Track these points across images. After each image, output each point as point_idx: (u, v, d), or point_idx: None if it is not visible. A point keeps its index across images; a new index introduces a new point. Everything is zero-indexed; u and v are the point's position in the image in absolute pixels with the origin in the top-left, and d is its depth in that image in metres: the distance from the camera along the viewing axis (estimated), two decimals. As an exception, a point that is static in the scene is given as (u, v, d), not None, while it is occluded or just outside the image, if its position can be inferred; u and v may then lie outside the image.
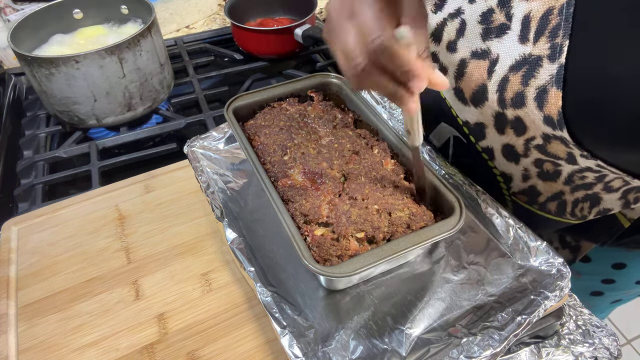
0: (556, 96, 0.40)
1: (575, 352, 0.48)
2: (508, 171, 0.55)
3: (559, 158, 0.47)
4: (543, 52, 0.41)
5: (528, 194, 0.57)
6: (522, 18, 0.42)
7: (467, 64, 0.50)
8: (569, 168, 0.48)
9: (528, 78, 0.42)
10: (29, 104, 0.95)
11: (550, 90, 0.40)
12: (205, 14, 1.22)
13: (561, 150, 0.45)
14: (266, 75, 1.05)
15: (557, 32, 0.39)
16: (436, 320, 0.45)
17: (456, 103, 0.55)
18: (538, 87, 0.42)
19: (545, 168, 0.51)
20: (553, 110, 0.41)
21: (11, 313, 0.54)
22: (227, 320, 0.53)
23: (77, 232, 0.63)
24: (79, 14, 0.90)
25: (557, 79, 0.40)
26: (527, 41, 0.42)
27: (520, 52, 0.43)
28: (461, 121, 0.57)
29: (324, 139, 0.57)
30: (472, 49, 0.49)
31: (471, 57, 0.49)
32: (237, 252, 0.50)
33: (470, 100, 0.52)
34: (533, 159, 0.50)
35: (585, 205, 0.54)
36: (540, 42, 0.41)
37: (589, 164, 0.45)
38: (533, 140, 0.47)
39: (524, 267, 0.50)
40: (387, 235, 0.46)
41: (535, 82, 0.42)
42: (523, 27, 0.42)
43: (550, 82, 0.40)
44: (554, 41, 0.40)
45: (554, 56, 0.40)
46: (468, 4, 0.48)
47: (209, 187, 0.57)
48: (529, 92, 0.43)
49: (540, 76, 0.41)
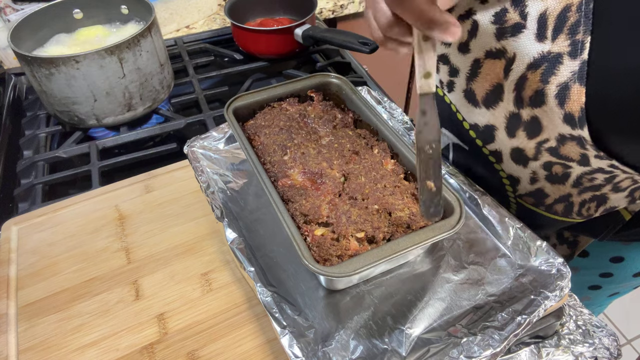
0: (579, 92, 0.40)
1: (575, 352, 0.48)
2: (515, 174, 0.55)
3: (570, 160, 0.47)
4: (563, 49, 0.41)
5: (535, 196, 0.56)
6: (537, 16, 0.42)
7: (481, 64, 0.50)
8: (578, 170, 0.48)
9: (548, 75, 0.42)
10: (29, 104, 0.95)
11: (573, 87, 0.40)
12: (205, 14, 1.22)
13: (574, 152, 0.45)
14: (266, 75, 1.05)
15: (577, 28, 0.39)
16: (436, 320, 0.45)
17: (465, 106, 0.55)
18: (559, 85, 0.41)
19: (554, 171, 0.50)
20: (575, 107, 0.41)
21: (11, 313, 0.54)
22: (227, 320, 0.53)
23: (77, 232, 0.63)
24: (79, 14, 0.90)
25: (579, 75, 0.40)
26: (544, 39, 0.42)
27: (538, 50, 0.43)
28: (468, 125, 0.56)
29: (324, 138, 0.57)
30: (487, 48, 0.49)
31: (485, 57, 0.49)
32: (237, 252, 0.50)
33: (482, 101, 0.52)
34: (542, 162, 0.50)
35: (592, 205, 0.53)
36: (560, 40, 0.41)
37: (602, 165, 0.45)
38: (546, 143, 0.47)
39: (524, 267, 0.50)
40: (387, 235, 0.46)
41: (556, 80, 0.42)
42: (540, 25, 0.42)
43: (572, 78, 0.40)
44: (574, 38, 0.40)
45: (575, 53, 0.40)
46: (479, 5, 0.48)
47: (209, 187, 0.57)
48: (550, 90, 0.42)
49: (561, 73, 0.41)
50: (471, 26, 0.50)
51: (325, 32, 0.95)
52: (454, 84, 0.55)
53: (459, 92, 0.55)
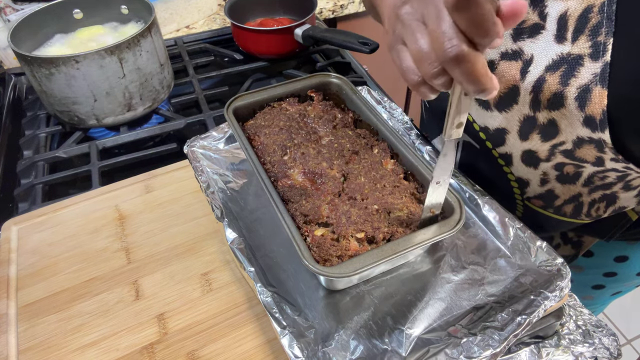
0: (601, 95, 0.39)
1: (575, 352, 0.48)
2: (525, 177, 0.55)
3: (584, 162, 0.46)
4: (584, 50, 0.40)
5: (544, 198, 0.56)
6: (557, 17, 0.42)
7: (496, 65, 0.49)
8: (591, 169, 0.47)
9: (568, 78, 0.42)
10: (29, 104, 0.95)
11: (594, 90, 0.40)
12: (205, 14, 1.22)
13: (590, 154, 0.44)
14: (266, 75, 1.05)
15: (599, 30, 0.39)
16: (436, 320, 0.45)
17: (476, 109, 0.54)
18: (580, 87, 0.41)
19: (566, 171, 0.50)
20: (597, 110, 0.40)
21: (11, 313, 0.54)
22: (227, 320, 0.53)
23: (77, 232, 0.63)
24: (79, 14, 0.90)
25: (601, 77, 0.39)
26: (564, 40, 0.41)
27: (558, 51, 0.42)
28: (478, 127, 0.55)
29: (323, 139, 0.57)
30: (502, 50, 0.48)
31: (501, 59, 0.48)
32: (237, 252, 0.50)
33: (495, 104, 0.51)
34: (554, 163, 0.50)
35: (601, 205, 0.53)
36: (580, 41, 0.40)
37: (616, 166, 0.44)
38: (561, 145, 0.47)
39: (524, 267, 0.49)
40: (387, 235, 0.46)
41: (576, 82, 0.41)
42: (559, 27, 0.42)
43: (594, 80, 0.40)
44: (596, 39, 0.39)
45: (596, 55, 0.39)
46: None
47: (209, 187, 0.57)
48: (570, 92, 0.42)
49: (581, 75, 0.40)
50: None
51: (325, 32, 0.95)
52: None
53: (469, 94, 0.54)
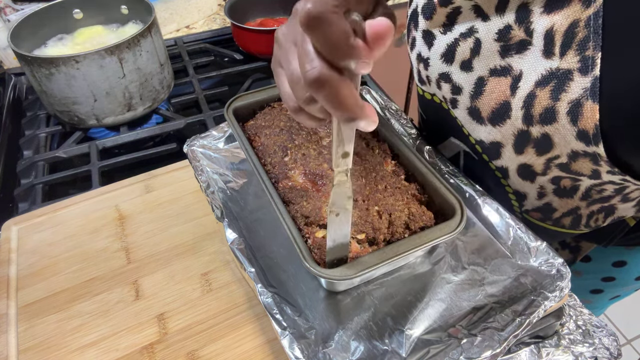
0: (592, 109, 0.39)
1: (575, 352, 0.48)
2: (522, 190, 0.54)
3: (581, 175, 0.46)
4: (572, 65, 0.40)
5: (542, 211, 0.55)
6: (544, 33, 0.41)
7: (485, 81, 0.49)
8: (588, 182, 0.47)
9: (558, 92, 0.41)
10: (29, 104, 0.95)
11: (585, 104, 0.39)
12: (205, 14, 1.22)
13: (586, 167, 0.44)
14: (266, 75, 1.05)
15: (586, 44, 0.38)
16: (436, 321, 0.45)
17: (470, 123, 0.54)
18: (571, 102, 0.40)
19: (563, 184, 0.50)
20: (589, 124, 0.40)
21: (11, 313, 0.54)
22: (227, 320, 0.53)
23: (77, 232, 0.63)
24: (79, 14, 0.90)
25: (592, 92, 0.39)
26: (552, 55, 0.41)
27: (546, 66, 0.42)
28: (474, 140, 0.55)
29: (324, 139, 0.57)
30: (490, 66, 0.48)
31: (490, 75, 0.48)
32: (237, 252, 0.50)
33: (488, 119, 0.50)
34: (551, 177, 0.49)
35: (600, 217, 0.53)
36: (568, 56, 0.40)
37: (613, 179, 0.44)
38: (556, 159, 0.46)
39: (524, 267, 0.50)
40: (387, 236, 0.46)
41: (567, 97, 0.41)
42: (546, 42, 0.41)
43: (585, 95, 0.39)
44: (584, 54, 0.39)
45: (585, 69, 0.39)
46: (482, 23, 0.47)
47: (209, 187, 0.57)
48: (561, 107, 0.41)
49: (572, 90, 0.40)
50: (473, 44, 0.48)
51: (326, 32, 0.95)
52: (457, 101, 0.54)
53: (462, 109, 0.54)
